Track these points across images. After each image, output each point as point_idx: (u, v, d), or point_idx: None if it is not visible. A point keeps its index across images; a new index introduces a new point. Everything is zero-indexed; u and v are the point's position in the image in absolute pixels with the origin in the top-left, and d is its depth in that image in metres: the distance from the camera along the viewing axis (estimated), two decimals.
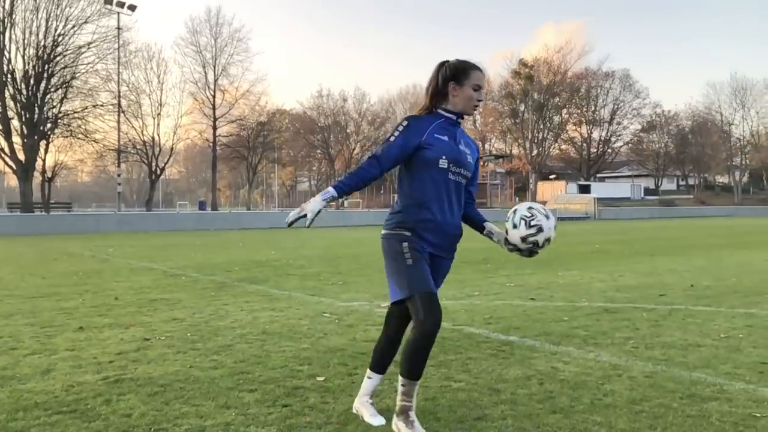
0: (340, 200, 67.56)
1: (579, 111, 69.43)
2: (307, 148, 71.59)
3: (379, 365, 3.23)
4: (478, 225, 3.19)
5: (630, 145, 73.76)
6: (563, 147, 71.74)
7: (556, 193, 55.53)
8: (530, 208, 3.03)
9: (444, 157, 2.88)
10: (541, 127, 63.45)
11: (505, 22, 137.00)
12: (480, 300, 7.02)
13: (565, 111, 67.50)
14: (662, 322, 5.67)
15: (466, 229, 3.22)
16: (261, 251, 14.96)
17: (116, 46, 36.97)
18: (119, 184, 38.06)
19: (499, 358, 4.41)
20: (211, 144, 50.82)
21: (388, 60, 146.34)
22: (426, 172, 2.87)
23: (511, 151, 70.38)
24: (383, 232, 2.99)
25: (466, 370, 4.10)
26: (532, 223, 2.97)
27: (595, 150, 71.30)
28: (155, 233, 25.34)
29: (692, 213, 54.64)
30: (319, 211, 2.68)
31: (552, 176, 69.36)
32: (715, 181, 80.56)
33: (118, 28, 36.70)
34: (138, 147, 43.59)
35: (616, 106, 70.15)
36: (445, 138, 2.92)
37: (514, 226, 3.01)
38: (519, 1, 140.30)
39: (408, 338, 2.86)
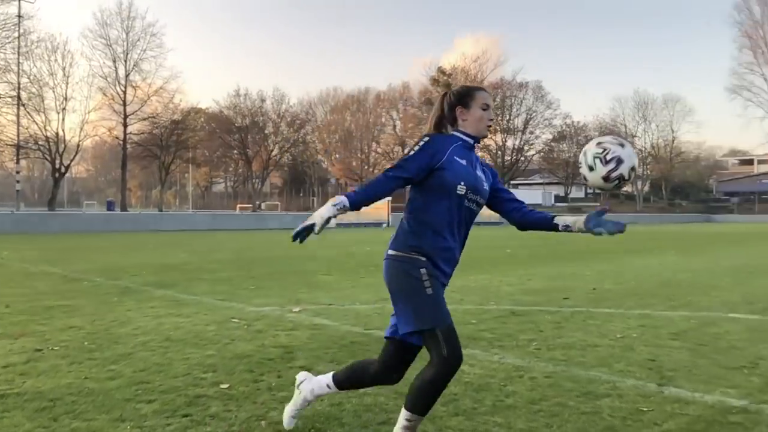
0: (258, 203, 65.99)
1: (494, 120, 71.60)
2: (223, 148, 69.88)
3: (346, 382, 2.99)
4: (550, 224, 2.82)
5: (542, 153, 76.68)
6: (480, 154, 73.44)
7: None
8: (599, 143, 2.68)
9: (462, 183, 2.67)
10: None
11: (426, 30, 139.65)
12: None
13: None
14: (564, 324, 5.90)
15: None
16: (171, 254, 14.46)
17: (16, 34, 34.78)
18: (18, 181, 35.80)
19: None
20: (121, 142, 48.69)
21: (309, 62, 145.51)
22: (442, 197, 2.66)
23: None
24: (392, 253, 2.73)
25: None
26: (608, 157, 2.61)
27: (510, 158, 73.66)
28: (58, 235, 23.96)
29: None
30: (329, 219, 2.42)
31: None
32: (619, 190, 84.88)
33: (19, 16, 34.59)
34: (40, 143, 41.11)
35: (529, 116, 72.73)
36: (464, 162, 2.73)
37: (591, 169, 2.66)
38: (439, 10, 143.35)
39: (425, 374, 2.62)
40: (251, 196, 67.12)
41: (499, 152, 72.80)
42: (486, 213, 3.13)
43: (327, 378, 3.03)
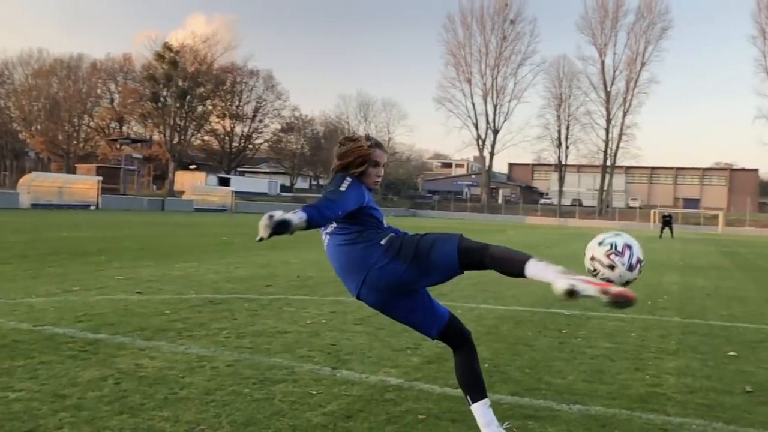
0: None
1: (223, 104, 70.10)
2: None
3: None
4: None
5: (270, 143, 77.50)
6: (206, 138, 71.66)
7: (195, 184, 55.05)
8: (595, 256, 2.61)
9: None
10: (184, 115, 62.18)
11: (155, 2, 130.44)
12: (78, 296, 6.41)
13: (209, 102, 67.39)
14: (260, 312, 5.98)
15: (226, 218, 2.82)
16: None
17: None
18: None
19: (79, 359, 4.04)
20: None
21: (9, 14, 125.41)
22: None
23: (151, 136, 67.31)
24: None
25: (33, 377, 3.64)
26: (618, 251, 2.57)
27: (237, 144, 73.02)
28: None
29: None
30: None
31: (192, 166, 68.59)
32: None
33: None
34: None
35: (259, 104, 72.93)
36: None
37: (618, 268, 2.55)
38: None
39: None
40: None
41: (227, 138, 71.70)
42: (210, 199, 3.00)
43: None
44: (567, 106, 71.50)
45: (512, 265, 2.75)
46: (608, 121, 69.77)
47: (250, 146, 74.92)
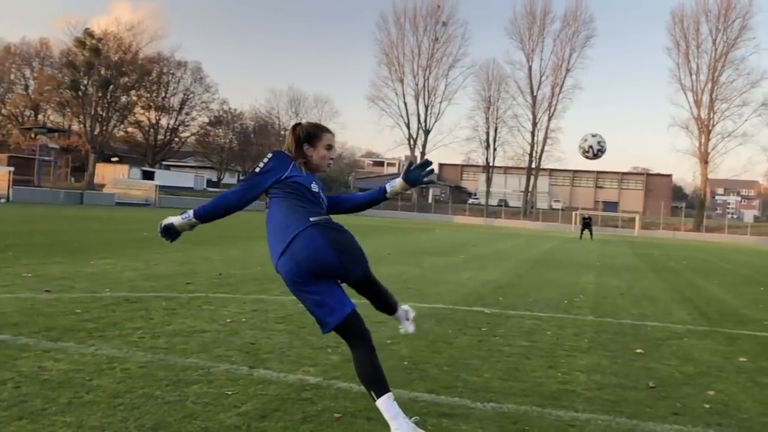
0: None
1: (149, 95, 67.79)
2: None
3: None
4: (382, 195, 3.41)
5: (197, 136, 75.49)
6: (130, 130, 69.07)
7: (117, 177, 52.99)
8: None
9: None
10: (106, 105, 59.70)
11: None
12: None
13: (134, 93, 64.98)
14: (178, 310, 5.80)
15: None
16: None
17: None
18: None
19: None
20: None
21: None
22: None
23: (69, 126, 64.20)
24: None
25: None
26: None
27: (163, 137, 70.77)
28: None
29: (254, 207, 59.04)
30: (170, 226, 3.07)
31: (114, 159, 65.97)
32: None
33: None
34: None
35: (186, 96, 70.94)
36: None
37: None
38: None
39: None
40: None
41: (152, 130, 69.37)
42: (132, 193, 3.21)
43: None
44: (495, 109, 73.35)
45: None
46: (534, 124, 72.04)
47: (177, 139, 72.80)
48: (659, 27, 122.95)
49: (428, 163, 3.28)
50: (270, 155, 3.09)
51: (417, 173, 3.25)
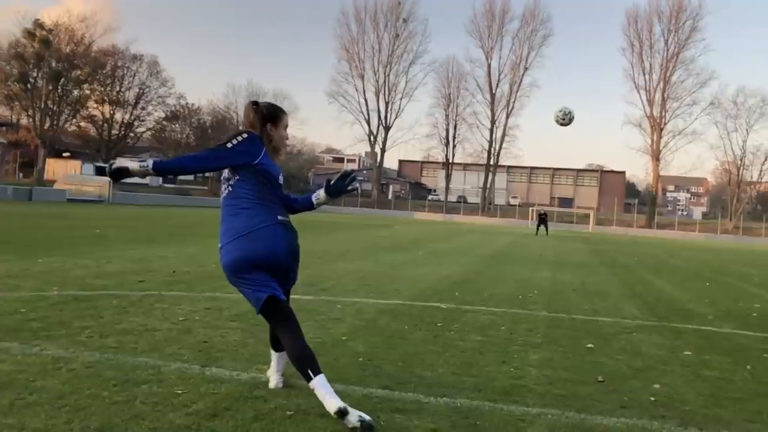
0: None
1: (103, 89, 65.95)
2: None
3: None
4: (310, 204, 3.55)
5: (153, 131, 73.86)
6: (83, 124, 67.11)
7: (69, 173, 51.49)
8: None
9: None
10: (57, 99, 57.89)
11: None
12: None
13: (87, 86, 63.15)
14: (130, 309, 5.68)
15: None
16: None
17: None
18: None
19: None
20: None
21: None
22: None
23: (18, 120, 62.01)
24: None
25: None
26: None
27: (117, 132, 68.98)
28: None
29: (206, 203, 58.07)
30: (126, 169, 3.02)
31: (66, 154, 64.03)
32: None
33: None
34: None
35: (142, 91, 69.18)
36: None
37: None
38: None
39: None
40: None
41: (106, 125, 67.61)
42: (85, 189, 3.23)
43: None
44: (455, 106, 73.90)
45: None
46: (492, 122, 72.87)
47: (132, 134, 71.01)
48: (615, 27, 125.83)
49: (348, 173, 3.46)
50: (245, 135, 3.14)
51: (339, 185, 3.43)
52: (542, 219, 36.18)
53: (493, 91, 72.74)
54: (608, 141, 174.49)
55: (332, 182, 3.43)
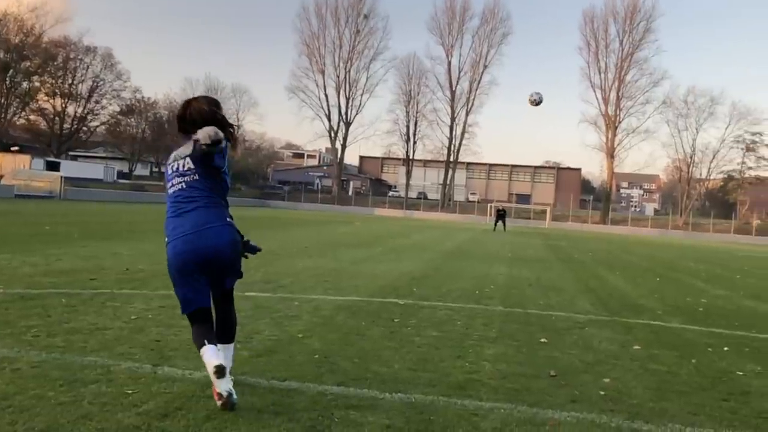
0: None
1: (54, 81, 64.00)
2: None
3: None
4: None
5: (107, 125, 72.06)
6: (32, 117, 64.99)
7: (18, 167, 49.80)
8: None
9: None
10: (5, 91, 55.95)
11: None
12: None
13: (37, 78, 61.22)
14: (80, 307, 5.53)
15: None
16: None
17: None
18: None
19: None
20: None
21: None
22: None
23: None
24: (231, 221, 3.40)
25: None
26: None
27: (70, 126, 67.04)
28: None
29: (160, 199, 57.09)
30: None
31: (15, 148, 61.90)
32: None
33: None
34: None
35: (95, 84, 67.39)
36: None
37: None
38: None
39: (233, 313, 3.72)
40: None
41: (57, 119, 65.62)
42: (34, 185, 3.03)
43: None
44: (416, 103, 74.10)
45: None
46: (452, 119, 73.39)
47: (85, 129, 69.10)
48: (572, 27, 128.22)
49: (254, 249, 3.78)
50: (225, 141, 3.19)
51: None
52: (500, 215, 36.66)
53: (453, 89, 73.28)
54: (565, 139, 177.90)
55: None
